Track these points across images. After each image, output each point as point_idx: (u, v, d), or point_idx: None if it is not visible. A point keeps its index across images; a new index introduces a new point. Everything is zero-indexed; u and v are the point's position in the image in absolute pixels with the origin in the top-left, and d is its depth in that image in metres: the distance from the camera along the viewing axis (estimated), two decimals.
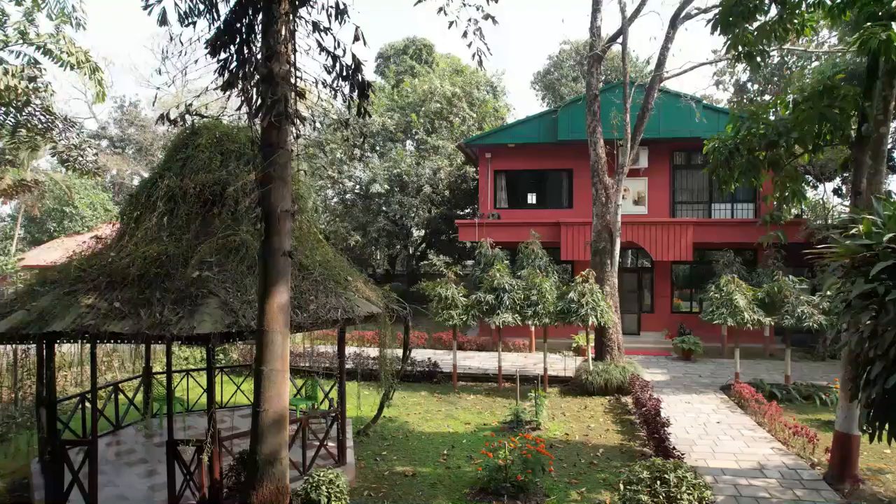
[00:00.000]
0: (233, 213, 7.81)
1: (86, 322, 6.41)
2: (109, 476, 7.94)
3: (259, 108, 5.71)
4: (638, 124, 14.29)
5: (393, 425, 11.02)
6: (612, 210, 14.06)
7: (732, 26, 8.12)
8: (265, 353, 6.18)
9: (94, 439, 6.95)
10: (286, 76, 6.21)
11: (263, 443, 6.11)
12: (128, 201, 8.62)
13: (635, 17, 14.03)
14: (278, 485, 6.10)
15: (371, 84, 6.02)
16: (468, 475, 8.55)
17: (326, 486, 6.06)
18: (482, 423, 11.20)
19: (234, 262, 7.26)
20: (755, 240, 18.61)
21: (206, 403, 6.81)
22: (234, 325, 6.41)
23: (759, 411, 10.86)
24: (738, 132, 9.08)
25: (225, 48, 6.08)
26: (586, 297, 12.70)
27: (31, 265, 18.51)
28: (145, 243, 7.42)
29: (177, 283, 6.81)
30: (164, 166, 8.45)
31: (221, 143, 8.51)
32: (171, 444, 6.86)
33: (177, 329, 6.23)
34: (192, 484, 6.89)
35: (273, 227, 6.21)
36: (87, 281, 7.10)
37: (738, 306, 12.50)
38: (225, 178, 8.06)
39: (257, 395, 6.21)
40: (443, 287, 13.51)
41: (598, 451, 9.62)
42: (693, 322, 19.05)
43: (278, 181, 6.22)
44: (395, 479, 8.44)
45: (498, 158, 20.35)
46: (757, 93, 27.56)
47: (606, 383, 12.87)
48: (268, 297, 6.19)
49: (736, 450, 9.23)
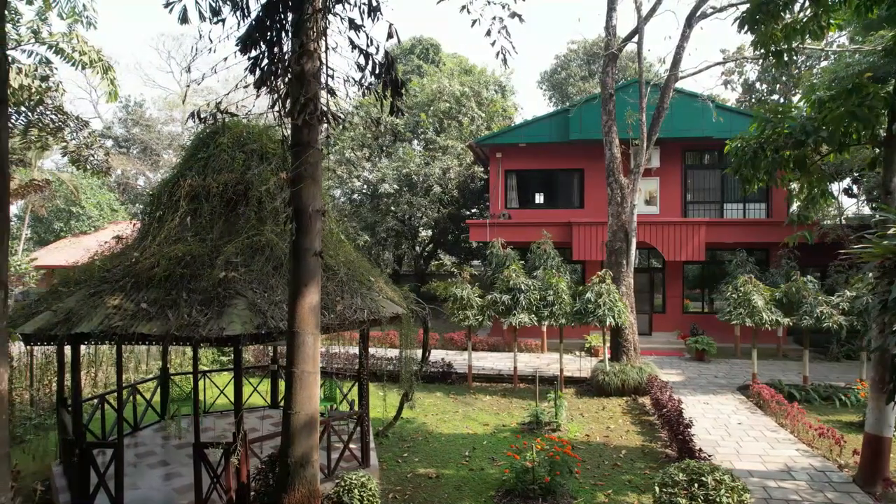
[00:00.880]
0: (257, 212, 7.76)
1: (113, 323, 6.33)
2: (132, 478, 7.86)
3: (293, 106, 5.63)
4: (653, 124, 14.21)
5: (411, 426, 10.94)
6: (628, 210, 13.98)
7: (760, 24, 8.04)
8: (296, 355, 6.11)
9: (120, 441, 6.88)
10: (317, 74, 6.15)
11: (295, 445, 6.05)
12: (149, 201, 8.55)
13: (651, 15, 13.95)
14: (310, 488, 6.03)
15: (405, 82, 5.93)
16: (492, 477, 8.48)
17: (359, 490, 5.99)
18: (501, 425, 11.12)
19: (260, 263, 7.18)
20: (768, 240, 18.56)
21: (234, 406, 6.73)
22: (263, 327, 6.34)
23: (780, 412, 10.78)
24: (763, 131, 9.00)
25: (256, 46, 6.01)
26: (603, 297, 12.62)
27: (43, 265, 18.42)
28: (169, 243, 7.36)
29: (203, 283, 6.73)
30: (185, 165, 8.38)
31: (243, 142, 8.45)
32: (197, 447, 6.78)
33: (206, 330, 6.15)
34: (219, 487, 6.80)
35: (304, 226, 6.13)
36: (111, 282, 7.04)
37: (757, 306, 12.41)
38: (248, 177, 8.01)
39: (288, 398, 6.14)
40: (458, 287, 13.43)
41: (620, 453, 9.54)
42: (704, 322, 19.00)
43: (309, 180, 6.15)
44: (419, 481, 8.37)
45: (508, 158, 20.28)
46: (765, 92, 27.49)
47: (623, 384, 12.80)
48: (299, 297, 6.12)
49: (760, 451, 9.15)
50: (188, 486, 7.66)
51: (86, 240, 26.41)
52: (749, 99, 27.37)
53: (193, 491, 7.33)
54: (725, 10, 14.61)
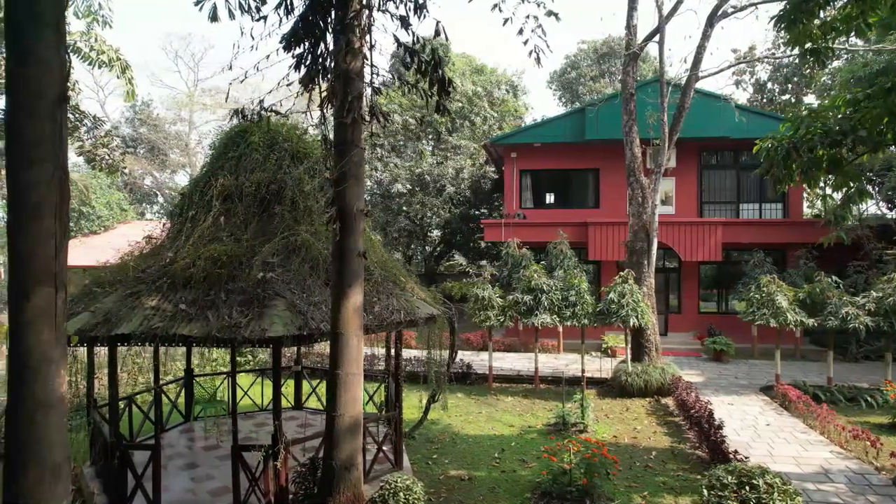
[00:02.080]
0: (290, 212, 7.69)
1: (153, 324, 6.26)
2: (164, 480, 7.77)
3: (341, 104, 5.57)
4: (674, 123, 14.15)
5: (437, 428, 10.88)
6: (650, 210, 13.91)
7: (797, 22, 7.96)
8: (341, 357, 6.05)
9: (157, 443, 6.81)
10: (360, 72, 6.08)
11: (340, 448, 5.99)
12: (179, 200, 8.48)
13: (672, 14, 13.87)
14: (355, 491, 5.97)
15: (452, 81, 5.87)
16: (525, 479, 8.42)
17: (404, 493, 5.92)
18: (526, 426, 11.06)
19: (296, 263, 7.12)
20: (785, 240, 18.50)
21: (273, 408, 6.66)
22: (304, 328, 6.26)
23: (808, 414, 10.70)
24: (797, 130, 8.91)
25: (300, 43, 5.95)
26: (626, 297, 12.55)
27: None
28: (203, 243, 7.29)
29: (240, 284, 6.67)
30: (216, 164, 8.32)
31: (274, 141, 8.39)
32: (236, 449, 6.71)
33: (247, 332, 6.08)
34: (257, 490, 6.73)
35: (348, 227, 6.08)
36: (147, 282, 6.96)
37: (781, 307, 12.34)
38: (281, 177, 7.95)
39: (332, 400, 6.08)
40: (480, 287, 13.37)
41: (650, 454, 9.48)
42: (719, 322, 18.93)
43: (353, 180, 6.09)
44: (452, 483, 8.30)
45: (523, 158, 20.20)
46: (776, 92, 27.40)
47: (646, 384, 12.73)
48: (343, 298, 6.07)
49: (794, 453, 9.08)
50: (222, 488, 7.61)
51: (96, 240, 26.34)
52: (760, 99, 27.29)
53: (230, 494, 7.29)
54: (746, 9, 14.57)
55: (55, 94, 4.05)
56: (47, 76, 4.01)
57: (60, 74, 4.09)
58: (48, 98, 4.02)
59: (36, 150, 3.98)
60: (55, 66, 4.05)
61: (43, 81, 3.99)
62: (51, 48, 4.02)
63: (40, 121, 3.99)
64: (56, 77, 4.05)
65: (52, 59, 4.03)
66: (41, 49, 3.98)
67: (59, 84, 4.08)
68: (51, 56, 4.02)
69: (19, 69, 3.97)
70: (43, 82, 3.99)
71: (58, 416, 4.05)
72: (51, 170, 4.03)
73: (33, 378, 3.93)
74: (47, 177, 4.01)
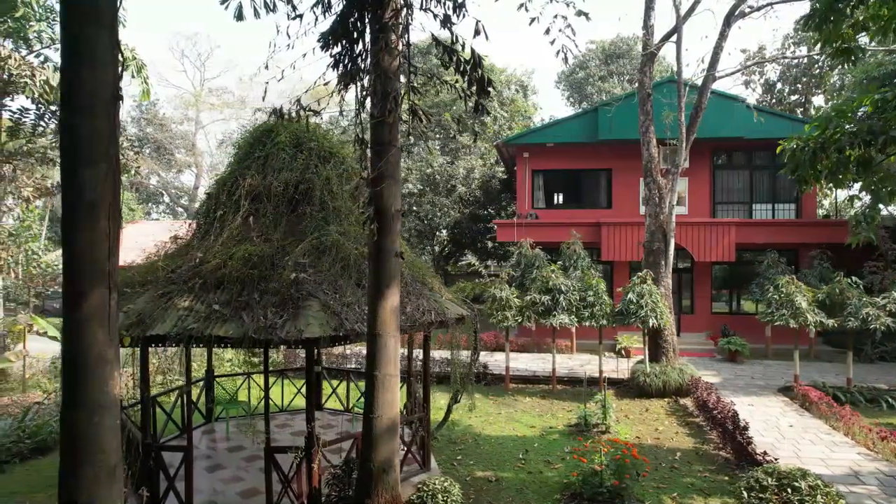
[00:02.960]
0: (320, 212, 7.66)
1: (187, 325, 6.23)
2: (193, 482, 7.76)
3: (382, 103, 5.54)
4: (691, 124, 14.13)
5: (458, 429, 10.84)
6: (667, 210, 13.88)
7: (829, 22, 7.93)
8: (378, 358, 6.02)
9: (190, 445, 6.78)
10: (396, 71, 6.06)
11: (377, 450, 5.95)
12: (205, 200, 8.45)
13: (689, 14, 13.84)
14: (393, 493, 5.94)
15: (492, 80, 5.84)
16: (552, 480, 8.39)
17: (442, 495, 5.89)
18: (547, 427, 11.02)
19: (328, 264, 7.09)
20: (798, 240, 18.47)
21: (307, 409, 6.63)
22: (340, 329, 6.24)
23: (830, 415, 10.67)
24: (824, 130, 8.88)
25: (338, 42, 5.91)
26: (645, 297, 12.52)
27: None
28: (234, 243, 7.26)
29: (273, 284, 6.63)
30: (242, 164, 8.28)
31: (300, 140, 8.36)
32: (269, 451, 6.67)
33: (284, 333, 6.06)
34: (290, 492, 6.69)
35: (385, 227, 6.05)
36: (178, 282, 6.93)
37: (800, 307, 12.30)
38: (309, 176, 7.92)
39: (370, 401, 6.05)
40: (497, 288, 13.34)
41: (675, 455, 9.44)
42: (732, 322, 18.90)
43: (390, 180, 6.06)
44: (480, 484, 8.27)
45: (536, 158, 20.17)
46: (786, 93, 27.36)
47: (665, 385, 12.70)
48: (380, 299, 6.04)
49: (821, 455, 9.04)
50: (251, 490, 7.58)
51: None
52: (769, 99, 27.25)
53: (260, 495, 7.29)
54: (762, 9, 14.55)
55: (109, 94, 4.03)
56: (102, 76, 3.98)
57: (114, 74, 4.06)
58: (102, 97, 3.99)
59: (91, 150, 3.96)
60: (109, 65, 4.02)
61: (98, 81, 3.97)
62: (105, 47, 3.99)
63: (95, 120, 3.96)
64: (110, 76, 4.03)
65: (106, 59, 4.00)
66: (96, 49, 3.94)
67: (113, 83, 4.06)
68: (105, 55, 3.99)
69: (75, 69, 3.94)
70: (98, 82, 3.97)
71: (112, 418, 4.02)
72: (105, 169, 4.01)
73: (89, 379, 3.90)
74: (102, 176, 3.99)
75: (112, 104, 4.05)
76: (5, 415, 10.56)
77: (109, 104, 4.03)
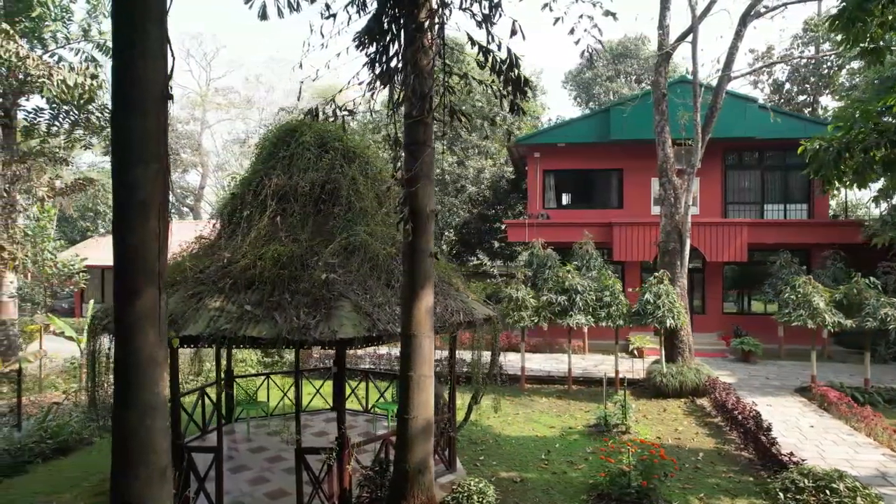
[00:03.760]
0: (347, 212, 7.63)
1: (220, 326, 6.20)
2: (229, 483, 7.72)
3: (421, 103, 5.52)
4: (706, 124, 14.11)
5: (477, 429, 10.82)
6: (682, 210, 13.85)
7: (857, 22, 7.89)
8: (414, 359, 5.99)
9: (220, 445, 6.75)
10: (430, 70, 6.03)
11: (412, 451, 5.92)
12: (230, 200, 8.41)
13: (705, 14, 13.81)
14: (428, 494, 5.91)
15: (529, 80, 5.81)
16: (577, 480, 8.36)
17: (478, 496, 5.86)
18: (566, 427, 10.99)
19: (356, 264, 7.06)
20: (810, 240, 18.43)
21: (336, 409, 6.61)
22: (373, 329, 6.21)
23: (850, 415, 10.64)
24: (849, 131, 8.85)
25: (374, 42, 5.89)
26: (662, 297, 12.49)
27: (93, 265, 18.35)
28: (262, 243, 7.23)
29: (303, 285, 6.61)
30: (267, 164, 8.24)
31: (324, 140, 8.33)
32: (299, 452, 6.64)
33: (317, 334, 6.03)
34: (320, 493, 6.66)
35: (420, 227, 6.03)
36: (207, 283, 6.90)
37: (818, 308, 12.27)
38: (335, 176, 7.89)
39: (405, 402, 6.02)
40: (513, 288, 13.31)
41: (697, 456, 9.41)
42: (743, 323, 18.88)
43: (426, 180, 6.04)
44: (505, 485, 8.23)
45: (546, 158, 20.14)
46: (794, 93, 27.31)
47: (681, 385, 12.67)
48: (414, 300, 6.01)
49: (845, 455, 9.01)
50: (278, 491, 7.55)
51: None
52: (778, 99, 27.20)
53: (288, 497, 7.28)
54: (777, 9, 14.52)
55: (159, 92, 4.00)
56: (153, 73, 3.96)
57: (164, 71, 4.04)
58: (153, 95, 3.97)
59: (142, 149, 3.94)
60: (160, 62, 4.00)
61: (149, 78, 3.94)
62: (156, 44, 3.96)
63: (146, 119, 3.94)
64: (161, 74, 4.00)
65: (157, 56, 3.97)
66: (147, 44, 3.92)
67: (163, 81, 4.03)
68: (156, 52, 3.97)
69: (126, 65, 3.92)
70: (149, 79, 3.94)
71: (162, 419, 4.00)
72: (156, 169, 3.99)
73: (141, 380, 3.88)
74: (152, 176, 3.97)
75: (162, 102, 4.02)
76: (24, 414, 10.53)
77: (160, 102, 4.01)
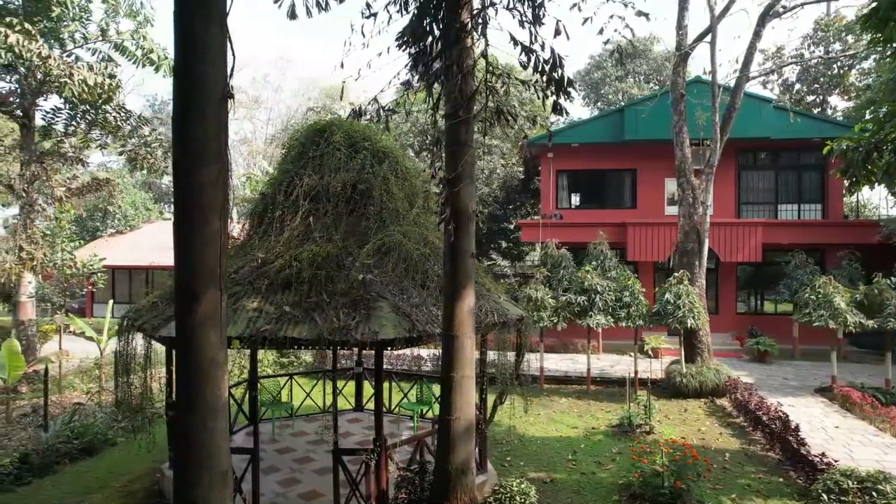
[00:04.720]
0: (380, 212, 7.62)
1: (260, 327, 6.18)
2: (248, 484, 7.71)
3: (468, 103, 5.50)
4: (724, 124, 14.10)
5: (500, 429, 10.80)
6: (700, 210, 13.83)
7: (890, 21, 7.87)
8: (456, 360, 5.99)
9: (256, 448, 6.73)
10: (472, 70, 6.02)
11: (455, 452, 5.92)
12: (260, 200, 8.39)
13: (724, 14, 13.79)
14: (471, 495, 5.90)
15: (573, 81, 5.79)
16: (606, 481, 8.35)
17: (520, 497, 5.85)
18: (589, 427, 10.98)
19: (391, 264, 7.04)
20: (825, 240, 18.41)
21: (375, 411, 6.60)
22: (413, 330, 6.19)
23: (874, 416, 10.62)
24: (879, 131, 8.83)
25: (417, 42, 5.88)
26: (682, 298, 12.47)
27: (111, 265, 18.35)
28: (296, 244, 7.23)
29: (341, 285, 6.59)
30: (297, 164, 8.22)
31: (354, 140, 8.31)
32: (336, 453, 6.63)
33: (359, 334, 6.01)
34: (357, 494, 6.65)
35: (462, 228, 6.01)
36: (242, 283, 6.89)
37: (839, 308, 12.26)
38: (366, 176, 7.88)
39: (446, 403, 6.01)
40: (532, 289, 13.30)
41: (724, 456, 9.39)
42: (757, 323, 18.85)
43: (467, 180, 6.03)
44: (535, 485, 8.15)
45: (560, 158, 20.12)
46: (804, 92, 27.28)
47: (701, 385, 12.66)
48: (456, 300, 6.01)
49: (875, 457, 8.99)
50: (311, 492, 7.55)
51: (123, 239, 26.28)
52: (788, 99, 27.17)
53: (322, 498, 7.27)
54: (794, 9, 14.51)
55: (219, 94, 3.99)
56: (214, 75, 3.94)
57: (224, 73, 4.02)
58: (214, 97, 3.95)
59: (204, 151, 3.92)
60: (220, 64, 3.98)
61: (210, 80, 3.92)
62: (217, 46, 3.95)
63: (207, 121, 3.92)
64: (221, 75, 3.99)
65: (218, 57, 3.96)
66: (209, 45, 3.90)
67: (224, 83, 4.02)
68: (217, 54, 3.95)
69: (189, 67, 3.90)
70: (210, 81, 3.93)
71: (223, 421, 3.99)
72: (217, 171, 3.97)
73: (204, 382, 3.87)
74: (213, 178, 3.95)
75: (222, 104, 4.01)
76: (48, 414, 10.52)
77: (220, 103, 3.99)
